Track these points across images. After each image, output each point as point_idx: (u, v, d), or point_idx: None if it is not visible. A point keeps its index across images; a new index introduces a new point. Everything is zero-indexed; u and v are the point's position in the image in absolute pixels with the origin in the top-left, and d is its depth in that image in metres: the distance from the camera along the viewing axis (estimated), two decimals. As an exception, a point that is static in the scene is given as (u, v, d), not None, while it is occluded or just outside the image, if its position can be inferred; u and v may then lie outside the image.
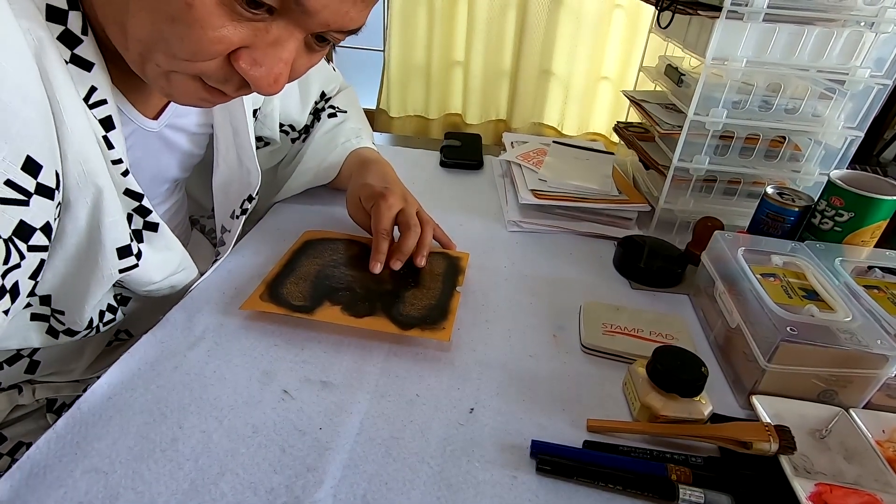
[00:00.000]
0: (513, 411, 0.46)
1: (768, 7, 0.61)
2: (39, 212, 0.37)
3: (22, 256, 0.37)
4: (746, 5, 0.61)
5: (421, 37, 1.79)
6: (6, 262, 0.35)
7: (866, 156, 1.94)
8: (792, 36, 0.64)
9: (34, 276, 0.40)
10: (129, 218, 0.47)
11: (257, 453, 0.41)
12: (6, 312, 0.37)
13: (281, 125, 0.73)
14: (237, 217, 0.62)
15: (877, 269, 0.57)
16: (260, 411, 0.44)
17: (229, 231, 0.63)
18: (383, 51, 1.84)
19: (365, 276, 0.59)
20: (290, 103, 0.71)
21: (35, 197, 0.36)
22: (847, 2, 0.62)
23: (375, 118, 1.94)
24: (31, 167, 0.36)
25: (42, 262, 0.40)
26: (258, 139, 0.70)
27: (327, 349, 0.51)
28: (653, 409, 0.44)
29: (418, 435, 0.43)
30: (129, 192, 0.46)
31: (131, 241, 0.46)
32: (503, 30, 1.72)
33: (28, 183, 0.36)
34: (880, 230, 0.61)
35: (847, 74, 0.66)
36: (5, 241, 0.35)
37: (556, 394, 0.49)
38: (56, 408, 0.57)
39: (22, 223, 0.36)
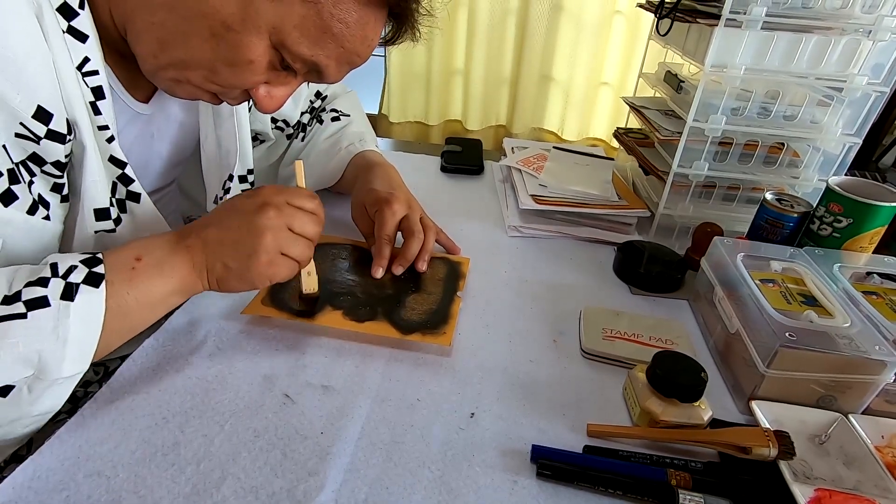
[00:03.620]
0: (513, 416, 0.47)
1: (766, 15, 0.62)
2: (50, 151, 0.42)
3: (33, 174, 0.42)
4: (745, 13, 0.62)
5: (421, 43, 1.79)
6: (20, 180, 0.40)
7: (865, 161, 1.94)
8: (790, 43, 0.65)
9: (56, 189, 0.44)
10: (114, 188, 0.48)
11: (259, 457, 0.41)
12: (32, 213, 0.43)
13: (274, 120, 0.74)
14: (216, 202, 0.62)
15: (875, 275, 0.57)
16: (261, 415, 0.44)
17: None
18: (384, 56, 1.85)
19: (366, 280, 0.60)
20: None
21: (45, 140, 0.41)
22: (845, 10, 0.63)
23: (376, 124, 1.95)
24: (43, 116, 0.40)
25: (59, 185, 0.44)
26: (254, 138, 0.70)
27: (328, 354, 0.52)
28: (653, 414, 0.45)
29: (419, 439, 0.44)
30: (113, 160, 0.47)
31: (111, 206, 0.48)
32: (503, 36, 1.72)
33: (39, 129, 0.40)
34: (878, 236, 0.61)
35: (845, 81, 0.66)
36: (17, 164, 0.40)
37: (557, 398, 0.49)
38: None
39: (34, 154, 0.41)
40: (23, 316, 0.37)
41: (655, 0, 0.80)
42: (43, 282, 0.39)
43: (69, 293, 0.39)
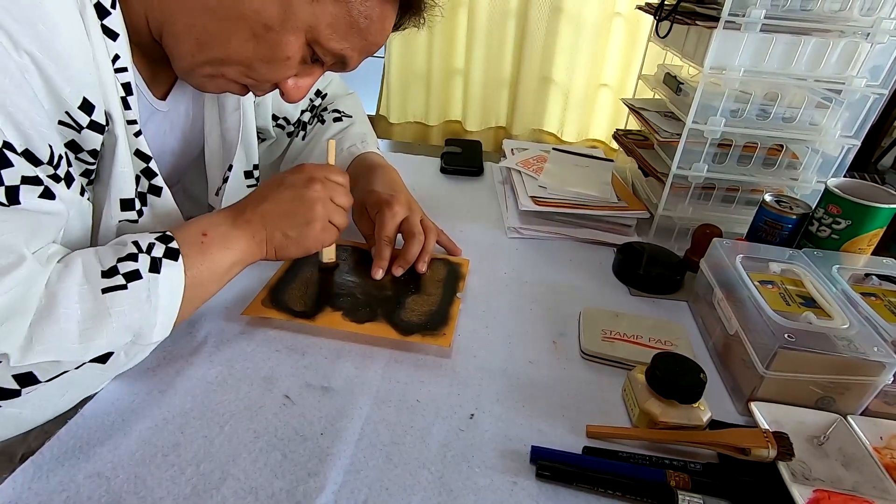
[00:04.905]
0: (513, 417, 0.47)
1: (765, 17, 0.62)
2: (89, 140, 0.43)
3: (70, 164, 0.43)
4: (744, 16, 0.62)
5: (421, 44, 1.80)
6: (58, 164, 0.41)
7: (864, 163, 1.95)
8: (789, 46, 0.65)
9: (86, 175, 0.46)
10: (137, 180, 0.50)
11: (259, 458, 0.41)
12: (81, 194, 0.45)
13: (275, 117, 0.74)
14: (218, 194, 0.63)
15: (874, 277, 0.58)
16: (261, 416, 0.45)
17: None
18: (383, 57, 1.85)
19: (366, 282, 0.60)
20: None
21: (86, 130, 0.42)
22: (843, 13, 0.63)
23: (374, 125, 1.95)
24: (87, 107, 0.42)
25: (90, 171, 0.46)
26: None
27: (328, 355, 0.52)
28: (652, 416, 0.45)
29: (419, 440, 0.44)
30: (138, 153, 0.49)
31: (135, 197, 0.49)
32: (503, 37, 1.73)
33: (83, 119, 0.42)
34: (877, 238, 0.61)
35: (843, 84, 0.66)
36: (62, 154, 0.42)
37: (556, 400, 0.49)
38: None
39: (72, 141, 0.43)
40: (123, 287, 0.41)
41: (655, 2, 0.80)
42: (133, 257, 0.42)
43: (155, 266, 0.43)
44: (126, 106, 0.46)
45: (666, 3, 0.76)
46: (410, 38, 1.82)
